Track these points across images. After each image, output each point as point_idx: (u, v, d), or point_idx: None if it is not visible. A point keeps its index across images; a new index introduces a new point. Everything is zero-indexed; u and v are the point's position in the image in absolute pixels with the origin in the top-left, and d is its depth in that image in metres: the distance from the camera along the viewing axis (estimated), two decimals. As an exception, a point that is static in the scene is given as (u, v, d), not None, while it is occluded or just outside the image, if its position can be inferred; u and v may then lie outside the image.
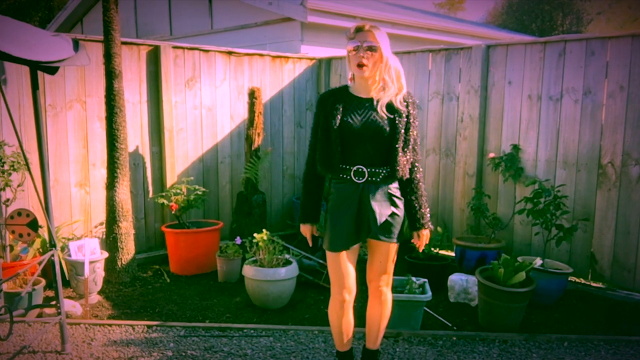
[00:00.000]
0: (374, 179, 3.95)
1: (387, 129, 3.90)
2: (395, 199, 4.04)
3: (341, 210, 4.02)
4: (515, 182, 7.22)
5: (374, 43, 3.90)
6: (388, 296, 4.30)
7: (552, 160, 6.90)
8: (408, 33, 12.00)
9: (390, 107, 3.95)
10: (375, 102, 3.96)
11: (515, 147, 7.16)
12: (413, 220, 4.17)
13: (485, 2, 59.30)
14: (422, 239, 4.23)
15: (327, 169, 4.01)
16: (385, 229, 4.03)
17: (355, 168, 3.94)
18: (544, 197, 6.37)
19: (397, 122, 3.92)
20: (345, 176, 3.98)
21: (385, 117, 3.91)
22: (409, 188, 4.13)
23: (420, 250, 4.36)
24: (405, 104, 4.02)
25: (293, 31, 10.39)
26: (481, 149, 7.52)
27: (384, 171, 3.95)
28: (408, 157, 4.00)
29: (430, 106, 8.00)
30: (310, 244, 4.41)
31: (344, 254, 4.06)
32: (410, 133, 4.01)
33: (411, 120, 4.02)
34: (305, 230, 4.31)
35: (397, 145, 3.91)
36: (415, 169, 4.12)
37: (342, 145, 3.93)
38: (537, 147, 7.01)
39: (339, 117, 3.92)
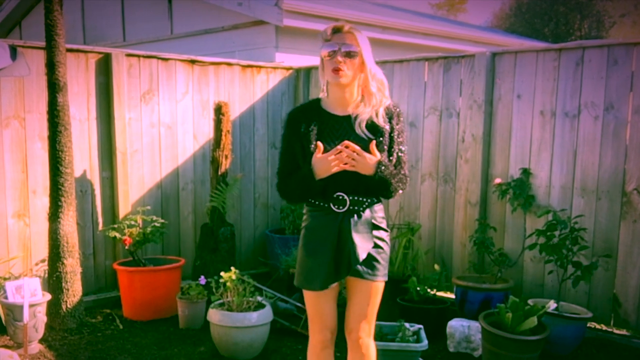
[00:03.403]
0: (356, 208, 3.95)
1: (368, 152, 3.86)
2: (380, 231, 4.05)
3: (317, 241, 4.01)
4: (525, 213, 7.26)
5: (354, 47, 3.88)
6: (371, 349, 4.19)
7: (568, 186, 6.95)
8: (400, 38, 12.11)
9: (371, 126, 3.94)
10: (353, 120, 3.95)
11: (526, 172, 7.21)
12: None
13: (490, 2, 59.63)
14: (374, 151, 3.87)
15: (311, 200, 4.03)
16: (367, 265, 3.99)
17: (335, 195, 3.94)
18: (558, 230, 6.39)
19: (378, 143, 3.90)
20: (323, 204, 3.98)
21: (366, 139, 3.90)
22: None
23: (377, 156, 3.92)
24: (387, 118, 4.00)
25: (266, 36, 10.47)
26: (485, 174, 7.57)
27: (368, 200, 3.98)
28: None
29: (426, 124, 8.05)
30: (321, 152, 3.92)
31: (324, 294, 4.06)
32: (393, 151, 4.00)
33: (395, 136, 4.01)
34: (322, 160, 3.86)
35: None
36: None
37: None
38: (551, 172, 7.06)
39: (314, 140, 3.92)
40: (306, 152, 3.94)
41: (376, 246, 4.01)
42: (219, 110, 8.04)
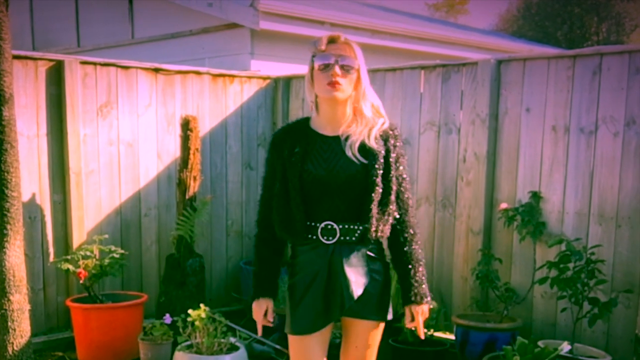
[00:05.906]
0: (347, 238, 3.89)
1: (360, 176, 3.85)
2: (377, 262, 4.01)
3: (306, 280, 3.95)
4: (534, 242, 7.24)
5: (352, 61, 3.83)
6: None
7: (583, 212, 6.94)
8: (393, 44, 12.14)
9: (363, 148, 3.88)
10: (343, 142, 3.90)
11: (535, 195, 7.22)
12: (406, 291, 4.10)
13: (495, 2, 59.67)
14: (419, 317, 4.14)
15: (289, 234, 3.98)
16: (364, 303, 3.94)
17: (322, 225, 3.88)
18: (573, 262, 6.35)
19: (370, 167, 3.86)
20: (310, 236, 3.93)
21: (358, 162, 3.86)
22: (397, 246, 4.08)
23: (422, 336, 4.30)
24: (383, 140, 3.95)
25: (240, 41, 10.49)
26: (490, 198, 7.56)
27: (361, 228, 3.89)
28: (389, 210, 3.94)
29: (422, 141, 8.06)
30: (260, 333, 4.38)
31: (311, 338, 3.97)
32: (391, 177, 3.94)
33: (391, 161, 3.95)
34: (259, 308, 4.22)
35: (371, 199, 3.87)
36: (405, 222, 4.06)
37: (303, 201, 3.88)
38: (564, 196, 7.06)
39: (298, 164, 3.89)
40: (287, 177, 3.90)
41: (373, 281, 3.97)
42: (186, 126, 8.03)
